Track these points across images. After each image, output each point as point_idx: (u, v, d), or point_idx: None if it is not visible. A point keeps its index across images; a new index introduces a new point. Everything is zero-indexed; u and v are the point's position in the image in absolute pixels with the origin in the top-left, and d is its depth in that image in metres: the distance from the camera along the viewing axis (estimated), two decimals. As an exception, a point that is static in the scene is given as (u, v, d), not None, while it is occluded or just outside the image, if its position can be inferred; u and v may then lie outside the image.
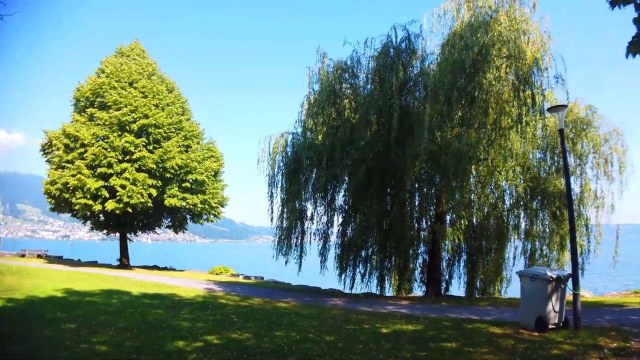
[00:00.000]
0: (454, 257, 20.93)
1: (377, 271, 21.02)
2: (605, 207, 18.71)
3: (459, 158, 16.05)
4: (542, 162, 19.54)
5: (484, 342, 9.31)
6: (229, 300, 16.09)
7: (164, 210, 32.55)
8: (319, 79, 20.57)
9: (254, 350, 8.39)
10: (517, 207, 19.41)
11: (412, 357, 8.20)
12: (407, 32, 19.48)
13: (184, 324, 10.83)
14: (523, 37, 17.17)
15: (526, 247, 19.32)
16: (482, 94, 16.83)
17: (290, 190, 20.46)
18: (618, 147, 18.67)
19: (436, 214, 19.54)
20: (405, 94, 19.54)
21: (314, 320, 12.25)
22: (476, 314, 14.04)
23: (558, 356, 8.12)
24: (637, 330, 9.96)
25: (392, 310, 14.90)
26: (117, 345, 8.48)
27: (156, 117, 29.11)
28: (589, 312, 12.85)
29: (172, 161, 28.77)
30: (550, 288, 10.47)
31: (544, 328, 10.29)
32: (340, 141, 19.36)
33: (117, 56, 32.57)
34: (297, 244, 20.96)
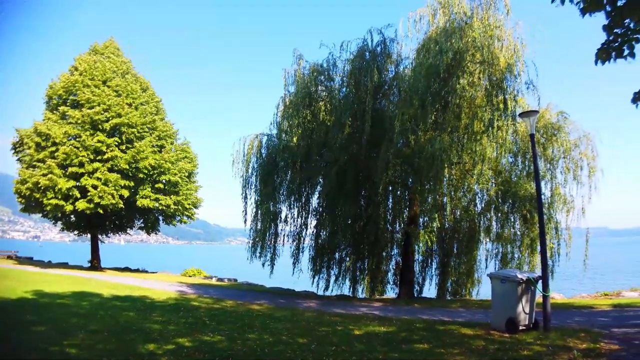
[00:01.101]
0: (427, 260, 21.10)
1: (351, 273, 21.10)
2: (575, 210, 19.10)
3: (432, 161, 16.19)
4: (514, 166, 19.86)
5: (456, 344, 9.42)
6: (202, 303, 15.97)
7: (136, 211, 32.10)
8: (294, 81, 20.61)
9: (226, 353, 8.36)
10: (488, 210, 19.64)
11: (384, 359, 8.26)
12: (382, 36, 19.67)
13: (156, 327, 10.71)
14: (497, 43, 17.46)
15: (497, 249, 19.56)
16: (455, 99, 17.06)
17: (264, 192, 20.40)
18: (588, 152, 19.06)
19: (409, 217, 19.70)
20: (380, 98, 19.72)
21: (287, 322, 12.24)
22: (448, 315, 14.20)
23: (528, 357, 8.26)
24: (607, 332, 10.13)
25: (365, 312, 14.99)
26: (88, 348, 8.36)
27: (129, 116, 28.71)
28: (559, 313, 13.06)
29: (145, 161, 28.40)
30: (521, 290, 10.64)
31: (515, 329, 10.45)
32: (315, 143, 19.42)
33: (91, 54, 32.01)
34: (270, 246, 20.92)
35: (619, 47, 6.27)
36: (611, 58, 6.37)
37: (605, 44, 6.40)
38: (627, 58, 6.32)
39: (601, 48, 6.44)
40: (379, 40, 19.65)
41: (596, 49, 6.47)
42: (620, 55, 6.31)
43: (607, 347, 8.65)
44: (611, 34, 6.31)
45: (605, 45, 6.40)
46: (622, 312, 13.62)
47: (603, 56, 6.39)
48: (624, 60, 6.35)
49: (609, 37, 6.33)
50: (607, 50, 6.36)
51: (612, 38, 6.30)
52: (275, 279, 21.86)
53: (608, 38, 6.35)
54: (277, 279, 21.97)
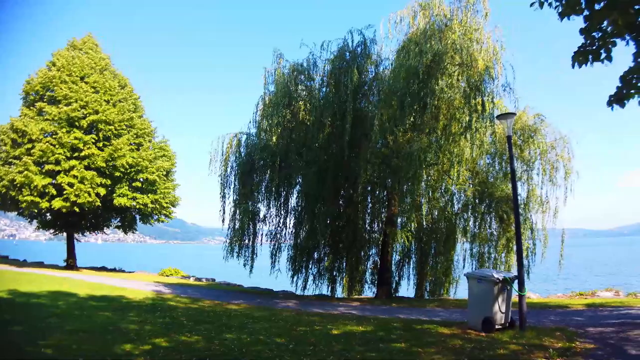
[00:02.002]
0: (405, 259, 21.22)
1: (329, 273, 21.15)
2: (551, 211, 19.42)
3: (411, 162, 16.30)
4: (491, 168, 20.13)
5: (433, 343, 9.47)
6: (179, 303, 15.84)
7: (113, 210, 31.59)
8: (274, 80, 20.56)
9: (203, 354, 8.29)
10: (465, 210, 19.87)
11: (362, 358, 8.28)
12: (363, 37, 19.74)
13: (132, 327, 10.57)
14: (476, 46, 17.61)
15: (474, 249, 19.81)
16: (434, 100, 17.20)
17: (243, 191, 20.33)
18: (564, 154, 19.37)
19: (387, 217, 19.78)
20: (360, 98, 19.75)
21: (265, 322, 12.19)
22: (425, 314, 14.31)
23: (504, 356, 8.33)
24: (582, 331, 10.28)
25: (343, 312, 15.03)
26: (64, 348, 8.23)
27: (107, 113, 28.31)
28: (534, 313, 13.26)
29: (122, 159, 28.03)
30: (497, 289, 10.74)
31: (491, 328, 10.55)
32: (295, 143, 19.43)
33: (70, 49, 31.43)
34: (248, 245, 20.84)
35: (596, 50, 6.36)
36: (588, 61, 6.45)
37: (582, 47, 6.49)
38: (604, 62, 6.41)
39: (577, 51, 6.53)
40: (359, 41, 19.73)
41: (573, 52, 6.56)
42: (598, 59, 6.40)
43: (582, 346, 8.77)
44: (588, 38, 6.39)
45: (581, 49, 6.49)
46: (597, 311, 13.81)
47: (580, 59, 6.47)
48: (601, 63, 6.44)
49: (586, 41, 6.41)
50: (585, 54, 6.45)
51: (589, 41, 6.39)
52: (254, 278, 21.78)
53: (585, 41, 6.44)
54: (256, 278, 21.89)
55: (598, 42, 6.36)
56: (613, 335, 9.73)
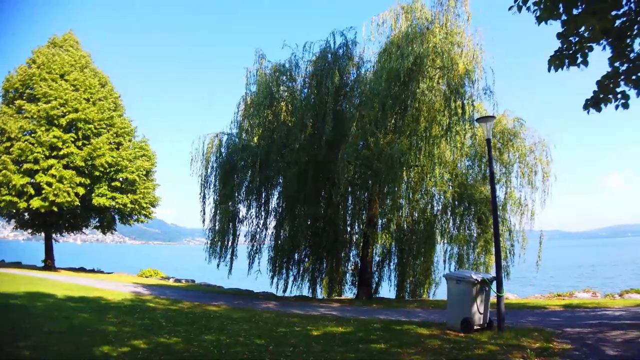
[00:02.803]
0: (385, 260, 21.27)
1: (309, 274, 21.14)
2: (529, 213, 19.72)
3: (391, 164, 16.39)
4: (470, 170, 20.35)
5: (412, 343, 9.48)
6: (158, 304, 15.71)
7: (92, 210, 31.27)
8: (256, 81, 20.48)
9: (182, 355, 8.24)
10: (445, 212, 20.03)
11: (341, 359, 8.28)
12: (345, 39, 19.81)
13: (111, 329, 10.45)
14: (457, 49, 17.79)
15: (453, 250, 19.94)
16: (415, 103, 17.33)
17: (223, 191, 20.22)
18: (543, 157, 19.67)
19: (368, 218, 19.81)
20: (341, 100, 19.80)
21: (245, 323, 12.15)
22: (405, 315, 14.35)
23: (482, 356, 8.37)
24: (559, 332, 10.35)
25: (323, 313, 15.03)
26: (42, 350, 8.11)
27: (86, 111, 28.01)
28: (513, 313, 13.35)
29: (101, 159, 27.77)
30: (476, 290, 10.83)
31: (470, 329, 10.62)
32: (276, 144, 19.36)
33: (50, 46, 31.07)
34: (229, 246, 20.74)
35: (573, 55, 6.44)
36: (564, 65, 6.53)
37: (558, 51, 6.57)
38: (580, 66, 6.50)
39: (554, 55, 6.61)
40: (341, 43, 19.79)
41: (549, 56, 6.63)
42: (574, 63, 6.49)
43: (559, 346, 8.83)
44: (565, 42, 6.47)
45: (558, 53, 6.57)
46: (575, 312, 13.95)
47: (556, 63, 6.55)
48: (577, 68, 6.52)
49: (563, 45, 6.49)
50: (561, 58, 6.53)
51: (566, 46, 6.47)
52: (235, 280, 21.69)
53: (562, 46, 6.52)
54: (236, 280, 21.81)
55: (575, 47, 6.45)
56: (590, 335, 9.82)
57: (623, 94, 6.54)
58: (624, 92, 6.55)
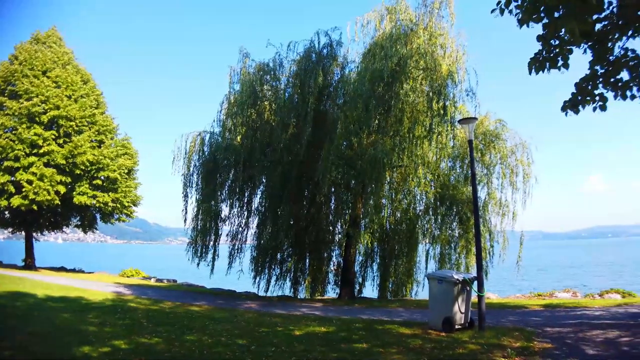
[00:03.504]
0: (368, 260, 21.30)
1: (292, 273, 21.11)
2: (510, 214, 19.87)
3: (374, 164, 16.43)
4: (452, 171, 20.51)
5: (394, 343, 9.54)
6: (139, 304, 15.57)
7: (73, 209, 30.92)
8: (240, 79, 20.43)
9: (163, 355, 8.19)
10: (427, 212, 20.16)
11: (323, 359, 8.29)
12: (329, 39, 19.78)
13: (91, 329, 10.36)
14: (440, 51, 17.92)
15: (436, 250, 20.07)
16: (398, 104, 17.40)
17: (206, 190, 20.12)
18: (524, 159, 19.88)
19: (351, 218, 19.83)
20: (325, 100, 19.79)
21: (227, 323, 12.11)
22: (387, 315, 14.41)
23: (464, 355, 8.45)
24: (540, 331, 10.49)
25: (305, 313, 15.03)
26: (22, 350, 8.01)
27: (68, 109, 27.65)
28: (493, 313, 13.49)
29: (83, 157, 27.42)
30: (457, 290, 10.92)
31: (451, 328, 10.71)
32: (259, 143, 19.32)
33: (32, 43, 30.65)
34: (211, 245, 20.64)
35: (553, 57, 6.51)
36: (545, 68, 6.59)
37: (538, 54, 6.63)
38: (560, 69, 6.56)
39: (534, 58, 6.67)
40: (325, 43, 19.78)
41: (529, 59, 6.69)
42: (554, 66, 6.55)
43: (540, 345, 8.94)
44: (546, 45, 6.54)
45: (538, 56, 6.63)
46: (555, 312, 14.13)
47: (537, 66, 6.61)
48: (558, 70, 6.59)
49: (543, 48, 6.55)
50: (542, 61, 6.59)
51: (546, 49, 6.53)
52: (217, 279, 21.59)
53: (542, 48, 6.58)
54: (218, 279, 21.70)
55: (555, 50, 6.51)
56: (571, 335, 9.94)
57: (601, 96, 6.64)
58: (602, 95, 6.64)
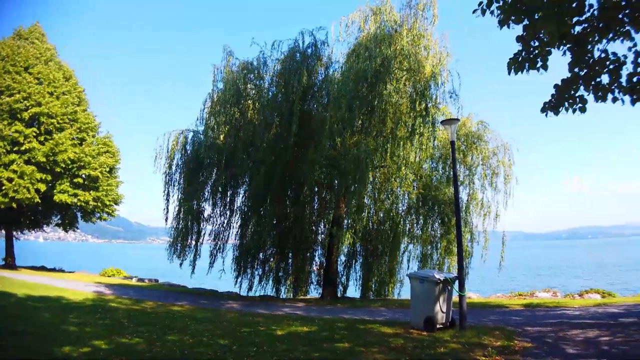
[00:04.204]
0: (351, 260, 21.36)
1: (275, 273, 21.06)
2: (492, 215, 20.10)
3: (358, 164, 16.49)
4: (435, 171, 20.68)
5: (376, 342, 9.57)
6: (120, 304, 15.47)
7: (54, 207, 30.60)
8: (223, 78, 20.31)
9: (144, 356, 8.13)
10: (410, 212, 20.28)
11: (305, 358, 8.28)
12: (314, 39, 19.76)
13: (72, 329, 10.28)
14: (423, 52, 18.02)
15: (417, 250, 20.25)
16: (381, 104, 17.47)
17: (188, 189, 20.00)
18: (505, 160, 20.12)
19: (334, 218, 19.83)
20: (309, 99, 19.78)
21: (209, 323, 12.06)
22: (369, 314, 14.47)
23: (445, 354, 8.50)
24: (520, 330, 10.59)
25: (288, 312, 15.03)
26: (1, 350, 7.95)
27: (50, 105, 27.32)
28: (475, 312, 13.59)
29: (64, 154, 27.09)
30: (438, 290, 10.99)
31: (432, 328, 10.77)
32: (242, 142, 19.25)
33: (15, 38, 30.24)
34: (192, 245, 20.54)
35: (533, 59, 6.57)
36: (524, 69, 6.66)
37: (517, 54, 6.69)
38: (539, 70, 6.63)
39: (512, 58, 6.73)
40: (310, 42, 19.76)
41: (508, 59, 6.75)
42: (534, 67, 6.62)
43: (520, 344, 9.02)
44: (526, 46, 6.60)
45: (517, 56, 6.69)
46: (535, 311, 14.27)
47: (516, 66, 6.67)
48: (537, 72, 6.65)
49: (523, 49, 6.61)
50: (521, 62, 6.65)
51: (526, 50, 6.59)
52: (199, 279, 21.50)
53: (522, 49, 6.64)
54: (200, 279, 21.61)
55: (534, 51, 6.57)
56: (551, 334, 10.03)
57: (581, 98, 6.71)
58: (582, 97, 6.71)
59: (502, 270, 20.47)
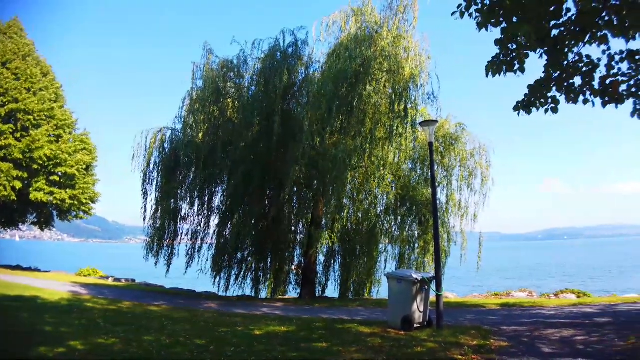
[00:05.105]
0: (330, 260, 21.40)
1: (253, 273, 20.95)
2: (469, 216, 20.35)
3: (336, 164, 16.53)
4: (413, 172, 20.79)
5: (353, 342, 9.60)
6: (96, 304, 15.27)
7: (29, 205, 30.18)
8: (203, 76, 20.14)
9: (120, 356, 8.07)
10: (388, 213, 20.39)
11: (283, 358, 8.29)
12: (295, 38, 19.80)
13: (47, 329, 10.15)
14: (403, 54, 18.15)
15: (395, 251, 20.39)
16: (361, 105, 17.54)
17: (165, 188, 19.78)
18: (482, 162, 20.37)
19: (313, 218, 19.86)
20: (289, 99, 19.78)
21: (186, 323, 11.98)
22: (347, 314, 14.49)
23: (422, 353, 8.55)
24: (497, 330, 10.69)
25: (266, 312, 15.00)
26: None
27: (27, 102, 26.95)
28: (452, 312, 13.70)
29: (40, 151, 26.70)
30: (416, 289, 11.07)
31: (410, 327, 10.84)
32: (222, 141, 19.14)
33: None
34: (169, 244, 20.37)
35: (510, 61, 6.65)
36: (502, 71, 6.74)
37: (495, 57, 6.77)
38: (517, 72, 6.71)
39: (491, 61, 6.80)
40: (290, 42, 19.76)
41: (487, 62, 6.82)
42: (511, 69, 6.70)
43: (496, 343, 9.11)
44: (504, 49, 6.68)
45: (495, 59, 6.77)
46: (512, 311, 14.41)
47: (494, 69, 6.75)
48: (514, 74, 6.73)
49: (501, 52, 6.69)
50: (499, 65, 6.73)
51: (504, 52, 6.67)
52: (176, 279, 21.35)
53: (500, 52, 6.72)
54: (178, 279, 21.46)
55: (512, 54, 6.66)
56: (527, 333, 10.13)
57: (553, 99, 6.81)
58: (554, 97, 6.82)
59: (479, 271, 20.69)
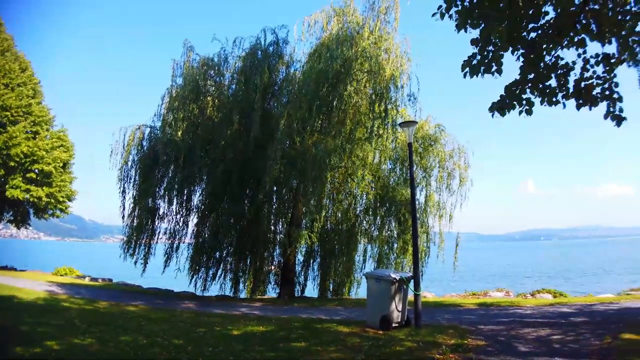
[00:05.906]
0: (310, 260, 21.41)
1: (232, 273, 20.83)
2: (447, 216, 20.54)
3: (316, 164, 16.55)
4: (392, 173, 20.93)
5: (332, 341, 9.65)
6: (73, 304, 15.09)
7: (5, 203, 29.70)
8: (182, 73, 19.97)
9: (97, 356, 8.03)
10: (367, 213, 20.49)
11: (261, 358, 8.29)
12: (276, 37, 19.78)
13: (23, 328, 10.06)
14: (384, 55, 18.25)
15: (374, 250, 20.49)
16: (341, 105, 17.61)
17: (143, 186, 19.53)
18: (461, 163, 20.61)
19: (293, 217, 19.84)
20: (270, 98, 19.74)
21: (164, 323, 11.93)
22: (326, 314, 14.51)
23: (400, 352, 8.63)
24: (474, 329, 10.81)
25: (245, 312, 14.95)
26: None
27: (4, 98, 26.50)
28: (430, 311, 13.80)
29: (17, 148, 26.26)
30: (394, 289, 11.14)
31: (388, 326, 10.92)
32: (201, 139, 19.03)
33: (-27, 28, 29.34)
34: (147, 243, 20.16)
35: (488, 63, 6.72)
36: (479, 72, 6.80)
37: (471, 57, 6.82)
38: (494, 74, 6.78)
39: (467, 60, 6.86)
40: (272, 41, 19.73)
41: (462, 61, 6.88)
42: (489, 71, 6.76)
43: (474, 342, 9.21)
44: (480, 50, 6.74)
45: (471, 59, 6.83)
46: (489, 310, 14.55)
47: (471, 70, 6.81)
48: (492, 76, 6.80)
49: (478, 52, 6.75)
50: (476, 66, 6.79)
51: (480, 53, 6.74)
52: (154, 279, 21.16)
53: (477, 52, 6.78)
54: (155, 279, 21.27)
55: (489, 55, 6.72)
56: (504, 332, 10.26)
57: (528, 100, 6.89)
58: (529, 99, 6.89)
59: (456, 270, 20.87)
